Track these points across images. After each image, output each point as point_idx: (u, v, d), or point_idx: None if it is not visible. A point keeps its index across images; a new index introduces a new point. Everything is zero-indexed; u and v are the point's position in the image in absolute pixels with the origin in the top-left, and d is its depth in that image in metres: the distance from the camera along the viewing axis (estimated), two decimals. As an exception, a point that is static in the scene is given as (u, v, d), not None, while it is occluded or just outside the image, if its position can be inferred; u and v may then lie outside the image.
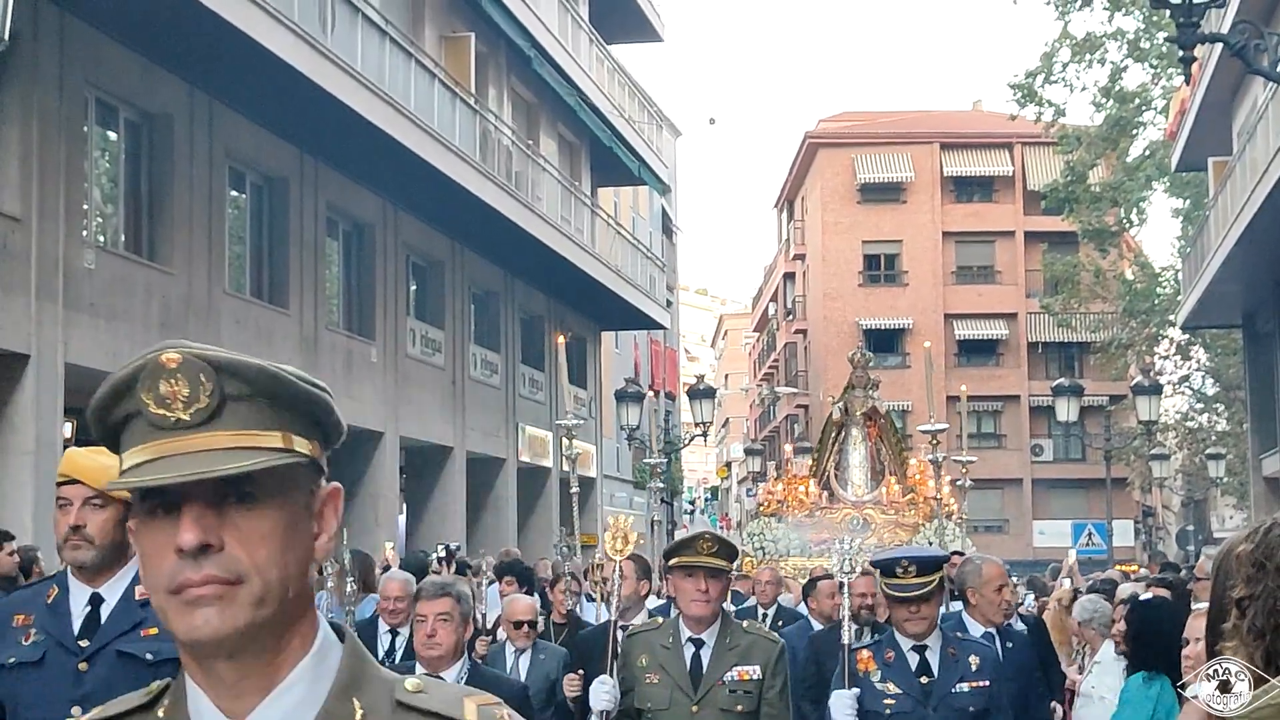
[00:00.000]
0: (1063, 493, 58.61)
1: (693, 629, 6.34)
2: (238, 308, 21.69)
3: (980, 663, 6.51)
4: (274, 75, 19.46)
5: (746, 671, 6.22)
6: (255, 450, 1.83)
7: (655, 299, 41.59)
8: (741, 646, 6.29)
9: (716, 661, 6.25)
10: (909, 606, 6.41)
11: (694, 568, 6.27)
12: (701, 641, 6.32)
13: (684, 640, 6.33)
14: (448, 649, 6.05)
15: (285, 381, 1.90)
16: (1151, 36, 38.30)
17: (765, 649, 6.34)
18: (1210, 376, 44.39)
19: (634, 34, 42.44)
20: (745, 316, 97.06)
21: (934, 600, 6.50)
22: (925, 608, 6.44)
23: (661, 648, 6.32)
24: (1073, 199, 42.73)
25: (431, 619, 6.03)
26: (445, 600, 6.07)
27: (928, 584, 6.40)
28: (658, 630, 6.48)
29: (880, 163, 62.41)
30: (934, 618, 6.52)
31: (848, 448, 19.09)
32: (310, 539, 1.93)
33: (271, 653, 1.85)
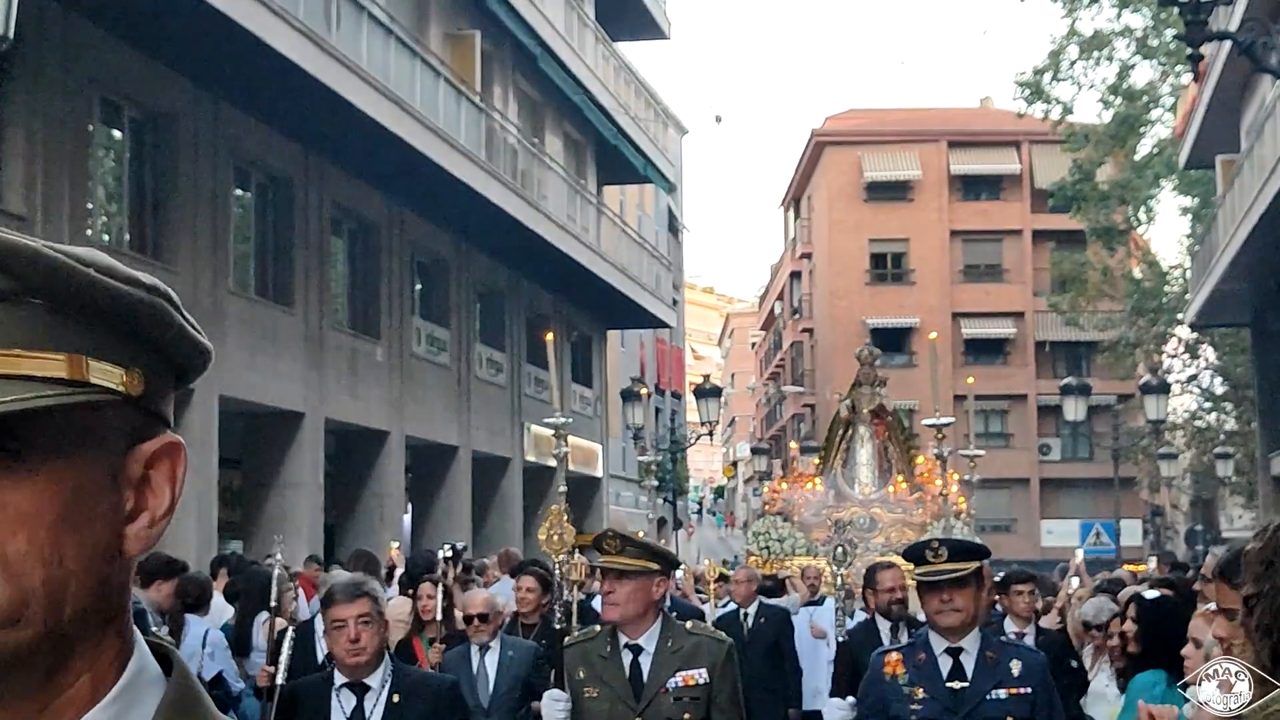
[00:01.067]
0: (1070, 492, 58.54)
1: (629, 634, 5.85)
2: (243, 307, 21.66)
3: (1023, 668, 5.89)
4: (279, 74, 19.42)
5: (692, 676, 5.77)
6: (18, 381, 1.20)
7: (661, 297, 41.55)
8: (685, 649, 5.81)
9: (658, 668, 5.78)
10: (940, 595, 5.83)
11: (603, 570, 5.92)
12: (640, 648, 5.84)
13: (622, 647, 5.86)
14: (373, 653, 5.58)
15: (77, 274, 1.25)
16: (1160, 34, 38.19)
17: (712, 650, 5.84)
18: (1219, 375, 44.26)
19: (640, 31, 42.39)
20: (752, 315, 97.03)
21: (969, 590, 5.85)
22: (959, 596, 5.82)
23: (599, 658, 5.84)
24: (1080, 197, 42.65)
25: (352, 623, 5.52)
26: (364, 601, 5.58)
27: (961, 570, 5.80)
28: (594, 639, 5.96)
29: (887, 161, 62.33)
30: (970, 611, 5.88)
31: (855, 445, 19.00)
32: (116, 521, 1.28)
33: (40, 697, 1.24)
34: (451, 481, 29.45)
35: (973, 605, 5.82)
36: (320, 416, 23.64)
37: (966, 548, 5.99)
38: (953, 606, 5.80)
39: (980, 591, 5.91)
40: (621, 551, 5.76)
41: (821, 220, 64.87)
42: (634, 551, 5.77)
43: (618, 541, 5.80)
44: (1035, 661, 6.01)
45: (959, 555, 5.84)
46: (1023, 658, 5.96)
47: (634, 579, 5.76)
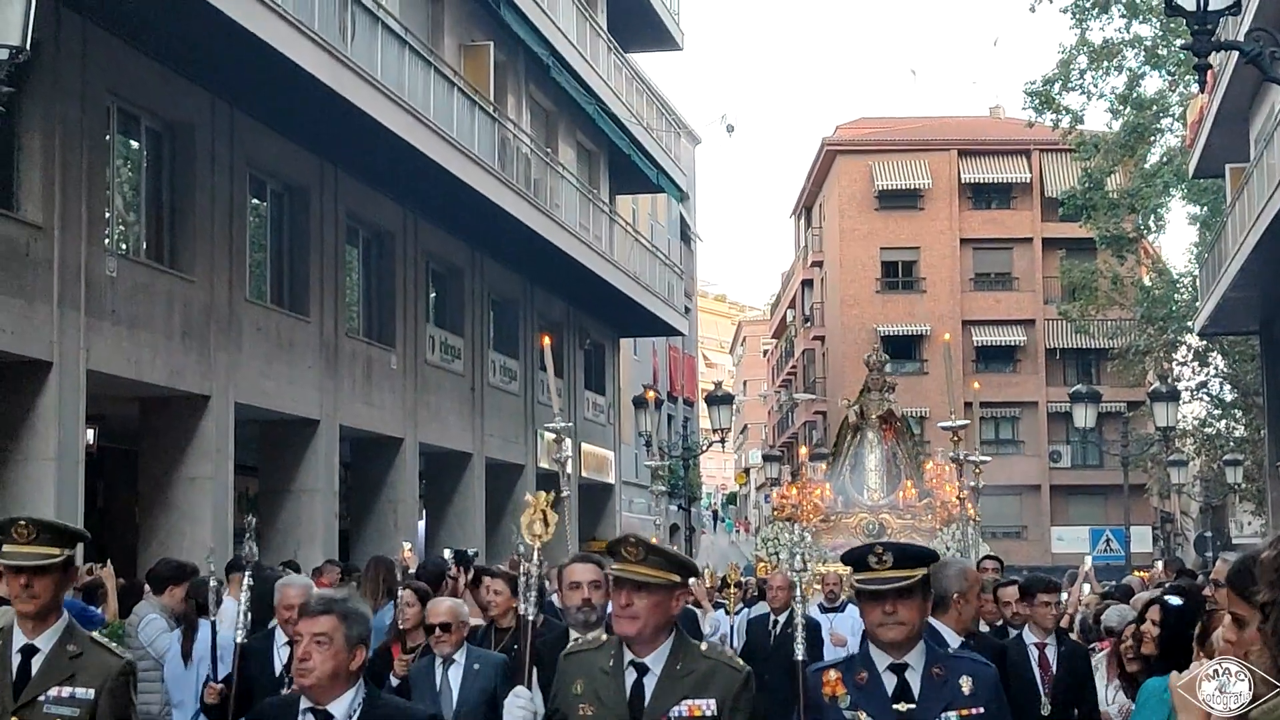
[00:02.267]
0: (1081, 499, 58.56)
1: (636, 651, 5.16)
2: (258, 315, 21.82)
3: (975, 685, 5.25)
4: (294, 84, 19.57)
5: (698, 706, 5.07)
6: None
7: (674, 306, 41.66)
8: (696, 674, 5.12)
9: (663, 692, 5.10)
10: (883, 605, 5.18)
11: (618, 579, 5.21)
12: (646, 667, 5.15)
13: (625, 664, 5.17)
14: (321, 676, 4.99)
15: None
16: (1169, 44, 38.27)
17: (726, 678, 5.15)
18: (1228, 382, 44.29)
19: (652, 42, 42.50)
20: (763, 323, 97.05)
21: (915, 601, 5.22)
22: (903, 609, 5.18)
23: (600, 672, 5.20)
24: (1090, 205, 42.71)
25: (306, 639, 5.01)
26: (325, 620, 5.03)
27: (906, 578, 5.18)
28: (598, 650, 5.30)
29: (898, 169, 62.41)
30: (915, 624, 5.24)
31: (863, 450, 19.02)
32: None
33: None
34: (465, 488, 29.59)
35: (918, 617, 5.26)
36: (335, 424, 23.79)
37: (913, 553, 5.37)
38: (896, 619, 5.20)
39: (926, 601, 5.35)
40: (643, 560, 5.16)
41: (832, 228, 64.94)
42: (656, 560, 5.17)
43: (639, 549, 5.19)
44: (987, 677, 5.36)
45: (904, 562, 5.24)
46: (974, 673, 5.31)
47: (655, 592, 5.14)
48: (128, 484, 21.25)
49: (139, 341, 18.53)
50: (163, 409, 19.99)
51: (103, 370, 17.66)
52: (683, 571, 5.27)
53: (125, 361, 18.22)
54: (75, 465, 17.34)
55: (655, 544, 5.21)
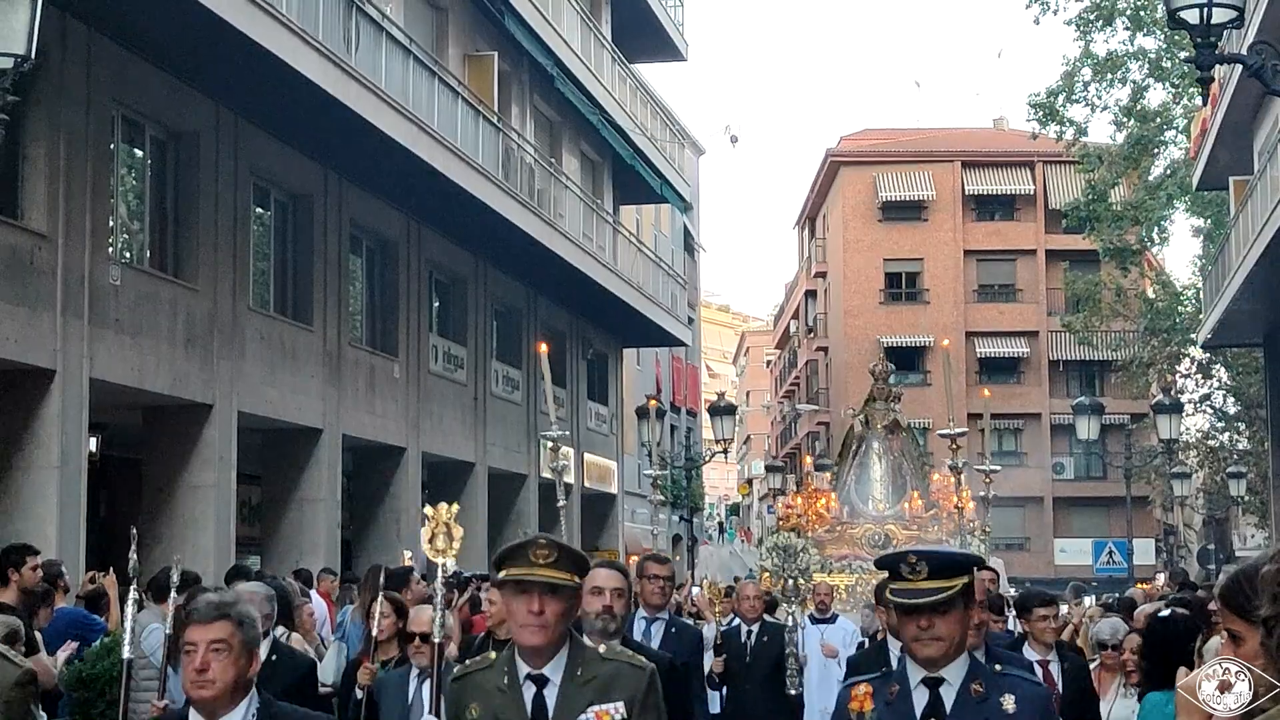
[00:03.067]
0: (1084, 511, 58.54)
1: (531, 662, 4.80)
2: (262, 324, 21.83)
3: (1019, 705, 4.77)
4: (299, 93, 19.60)
5: (606, 712, 4.76)
6: None
7: (677, 316, 41.68)
8: (599, 679, 4.78)
9: (566, 702, 4.76)
10: (918, 620, 4.72)
11: (527, 583, 4.75)
12: (545, 679, 4.79)
13: (522, 679, 4.80)
14: (223, 687, 4.66)
15: None
16: (1173, 56, 38.29)
17: (631, 679, 4.82)
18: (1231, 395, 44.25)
19: (656, 53, 42.56)
20: (767, 334, 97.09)
21: (954, 615, 4.74)
22: (941, 623, 4.71)
23: (496, 691, 4.80)
24: (1094, 217, 42.72)
25: (202, 649, 4.65)
26: (222, 625, 4.69)
27: (944, 590, 4.71)
28: (489, 669, 4.91)
29: (901, 181, 62.47)
30: (954, 639, 4.76)
31: (868, 461, 18.93)
32: None
33: None
34: (468, 498, 29.54)
35: (958, 631, 4.76)
36: (338, 433, 23.80)
37: (951, 562, 4.86)
38: (933, 634, 4.72)
39: (968, 612, 4.84)
40: (555, 562, 4.75)
41: (836, 239, 64.99)
42: (567, 563, 4.79)
43: (552, 550, 4.78)
44: (1036, 697, 4.89)
45: (942, 572, 4.75)
46: (1020, 691, 4.82)
47: (567, 597, 4.80)
48: (131, 493, 21.25)
49: (142, 350, 18.54)
50: (166, 417, 20.00)
51: (106, 379, 17.68)
52: (584, 572, 4.97)
53: (128, 370, 18.23)
54: (78, 473, 17.34)
55: (566, 544, 4.84)
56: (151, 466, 20.33)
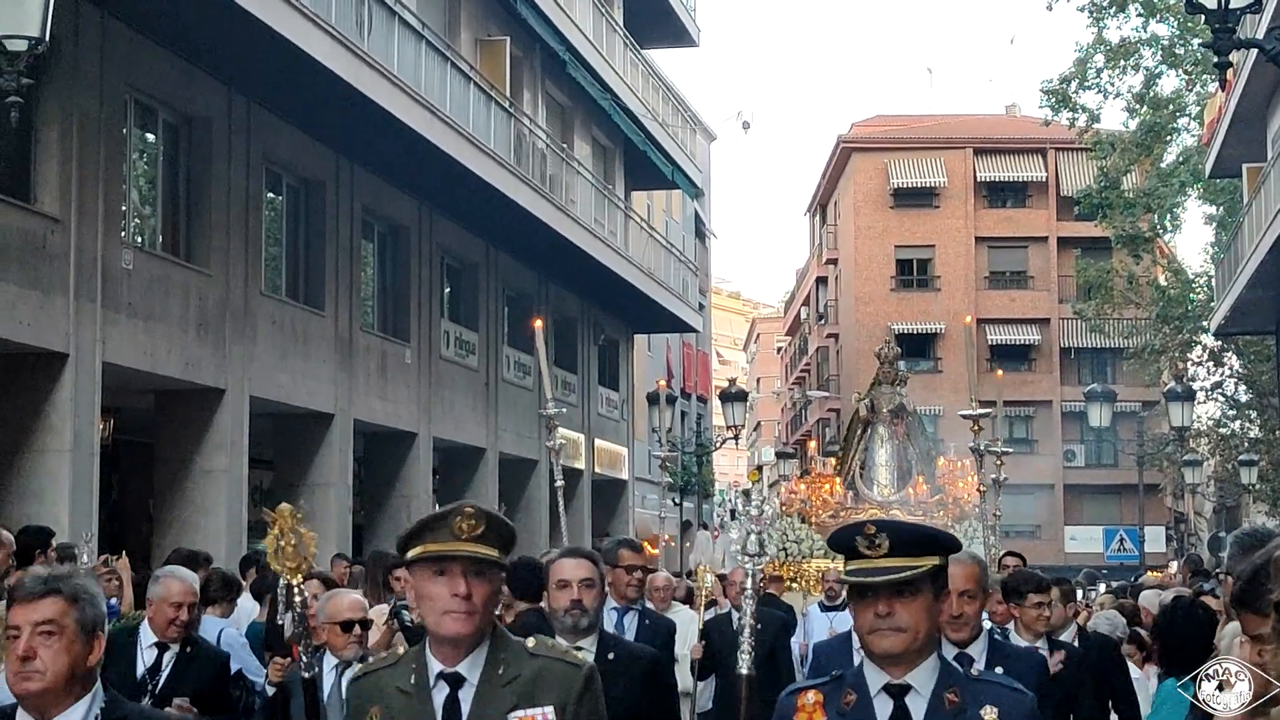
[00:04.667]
0: (1095, 498, 58.50)
1: (445, 658, 4.02)
2: (274, 309, 21.85)
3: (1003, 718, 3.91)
4: (311, 78, 19.60)
5: (531, 716, 4.01)
6: None
7: (688, 302, 41.66)
8: (524, 678, 4.01)
9: (484, 706, 3.99)
10: (874, 606, 3.87)
11: (447, 559, 3.96)
12: (460, 678, 4.01)
13: (432, 678, 4.02)
14: (55, 678, 3.81)
15: None
16: (1186, 43, 38.19)
17: (563, 678, 4.06)
18: (1243, 383, 44.16)
19: (668, 38, 42.50)
20: (777, 320, 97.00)
21: (920, 601, 3.89)
22: (903, 610, 3.86)
23: (399, 693, 4.04)
24: (1106, 205, 42.61)
25: (27, 633, 3.82)
26: (51, 603, 3.87)
27: (907, 569, 3.87)
28: (394, 667, 4.14)
29: (913, 167, 62.37)
30: (918, 633, 3.88)
31: (874, 445, 18.74)
32: None
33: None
34: (479, 483, 29.59)
35: (924, 623, 3.89)
36: (349, 418, 23.81)
37: (919, 537, 4.00)
38: (892, 624, 3.86)
39: (938, 602, 3.97)
40: (482, 536, 3.99)
41: (847, 226, 64.92)
42: (494, 537, 4.03)
43: (478, 520, 4.00)
44: (1021, 708, 3.97)
45: (907, 548, 3.90)
46: (1004, 702, 3.94)
47: (494, 577, 4.05)
48: (142, 477, 21.29)
49: (154, 334, 18.56)
50: (178, 402, 20.02)
51: (118, 363, 17.70)
52: (509, 548, 4.13)
53: (141, 354, 18.26)
54: (90, 457, 17.37)
55: (494, 513, 4.06)
56: (163, 451, 20.36)
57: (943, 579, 3.99)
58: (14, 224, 16.29)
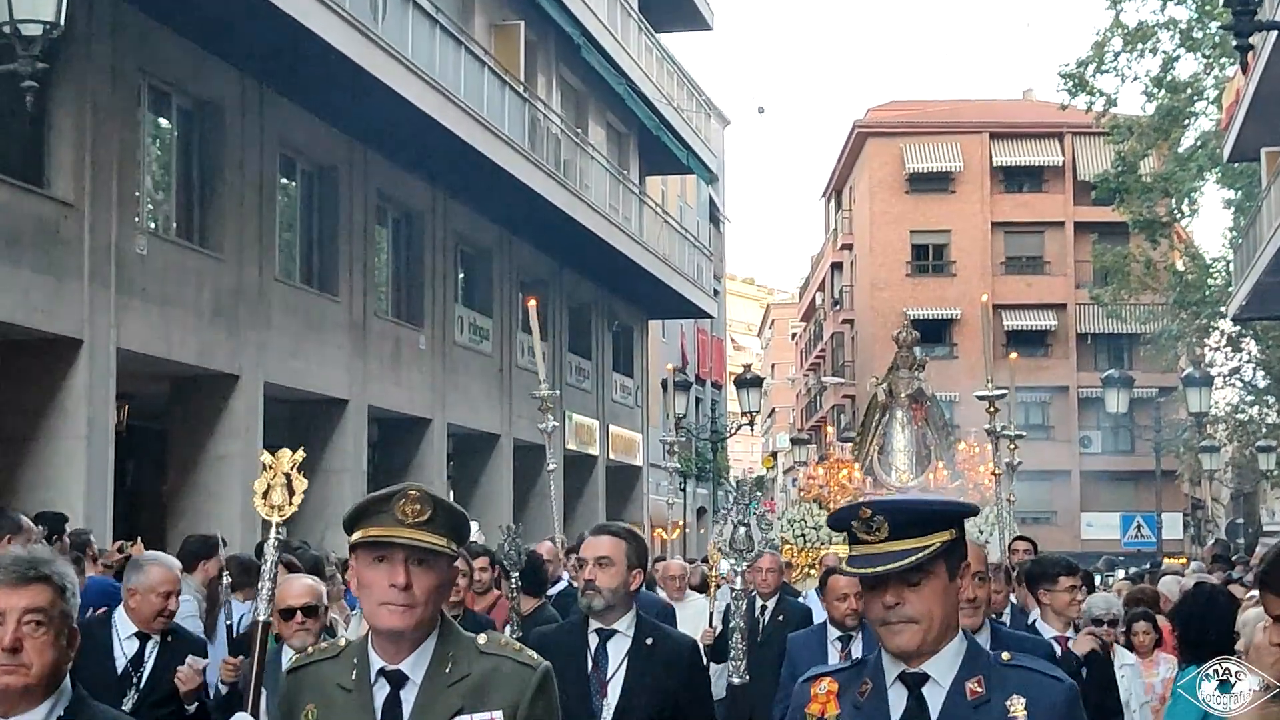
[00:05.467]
0: (1111, 485, 58.30)
1: (387, 654, 3.67)
2: (288, 294, 21.82)
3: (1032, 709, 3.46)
4: (325, 63, 19.56)
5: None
6: None
7: (702, 288, 41.60)
8: (473, 679, 3.65)
9: (427, 708, 3.65)
10: (881, 596, 3.49)
11: (389, 546, 3.62)
12: (402, 677, 3.66)
13: (373, 676, 3.67)
14: (40, 675, 3.33)
15: None
16: (1204, 26, 38.00)
17: (515, 679, 3.69)
18: (1261, 369, 44.02)
19: (683, 22, 42.41)
20: (792, 306, 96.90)
21: (932, 586, 3.48)
22: (914, 598, 3.46)
23: (338, 690, 3.69)
24: (1123, 189, 42.45)
25: (12, 622, 3.31)
26: (39, 590, 3.37)
27: (913, 552, 3.46)
28: (335, 660, 3.76)
29: (929, 152, 62.18)
30: (934, 620, 3.48)
31: (892, 431, 18.61)
32: None
33: None
34: (493, 469, 29.58)
35: (939, 608, 3.49)
36: (363, 403, 23.79)
37: (921, 514, 3.56)
38: (903, 615, 3.47)
39: (955, 583, 3.56)
40: (428, 522, 3.65)
41: (863, 211, 64.77)
42: (443, 524, 3.68)
43: (424, 504, 3.66)
44: (1057, 698, 3.49)
45: (908, 529, 3.49)
46: (1034, 690, 3.48)
47: (440, 568, 3.68)
48: (157, 463, 21.28)
49: (169, 320, 18.54)
50: (192, 388, 20.01)
51: (133, 349, 17.68)
52: (462, 537, 3.78)
53: (155, 340, 18.23)
54: (105, 443, 17.36)
55: (442, 499, 3.70)
56: (177, 437, 20.36)
57: (959, 552, 3.56)
58: (28, 209, 16.27)
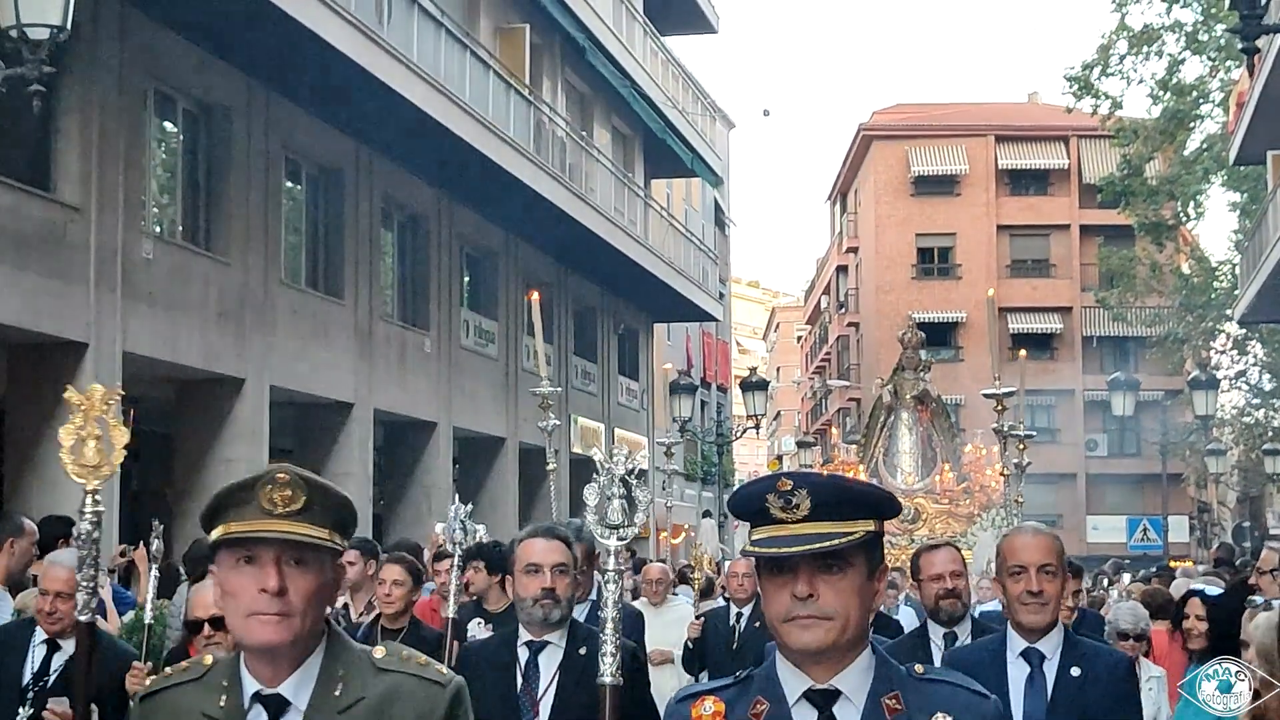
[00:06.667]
0: (1117, 488, 58.28)
1: (263, 675, 3.02)
2: (293, 298, 21.83)
3: None
4: (330, 67, 19.57)
5: None
6: None
7: (708, 291, 41.58)
8: (369, 702, 3.02)
9: None
10: (790, 585, 2.90)
11: (255, 542, 2.98)
12: (283, 702, 3.01)
13: (248, 700, 3.01)
14: None
15: None
16: (1210, 29, 37.96)
17: (420, 700, 3.06)
18: (1267, 371, 43.98)
19: (688, 25, 42.42)
20: (797, 309, 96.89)
21: (850, 577, 2.92)
22: (829, 591, 2.90)
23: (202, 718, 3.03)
24: (1129, 192, 42.41)
25: None
26: None
27: (837, 536, 2.88)
28: (200, 682, 3.09)
29: (934, 155, 62.18)
30: (850, 618, 2.91)
31: (897, 433, 18.55)
32: None
33: None
34: (498, 473, 29.57)
35: (857, 607, 2.93)
36: (369, 407, 23.79)
37: (850, 494, 2.97)
38: (816, 610, 2.89)
39: (874, 579, 2.98)
40: (303, 511, 3.01)
41: (868, 214, 64.77)
42: (323, 513, 3.04)
43: (296, 490, 3.01)
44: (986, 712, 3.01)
45: (833, 509, 2.91)
46: (958, 709, 2.97)
47: (321, 567, 3.05)
48: (162, 467, 21.28)
49: (175, 324, 18.55)
50: (198, 392, 20.01)
51: (138, 352, 17.68)
52: (347, 529, 3.12)
53: (161, 344, 18.24)
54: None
55: (320, 481, 3.06)
56: (183, 441, 20.36)
57: (879, 551, 3.01)
58: (34, 213, 16.28)
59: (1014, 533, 5.41)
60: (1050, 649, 4.94)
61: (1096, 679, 4.77)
